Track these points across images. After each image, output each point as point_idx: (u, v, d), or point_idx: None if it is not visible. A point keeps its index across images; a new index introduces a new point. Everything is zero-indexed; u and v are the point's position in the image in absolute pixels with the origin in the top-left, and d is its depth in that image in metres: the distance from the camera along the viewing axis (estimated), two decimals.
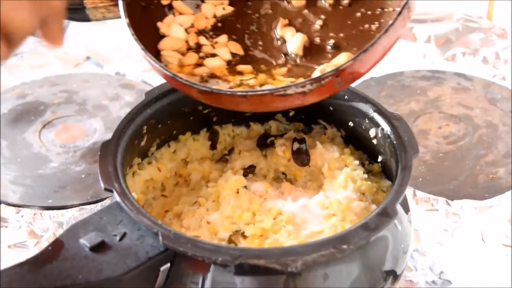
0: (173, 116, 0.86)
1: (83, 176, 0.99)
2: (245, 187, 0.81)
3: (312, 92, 0.72)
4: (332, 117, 0.87)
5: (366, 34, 0.79)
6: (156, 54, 0.82)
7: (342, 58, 0.76)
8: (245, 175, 0.84)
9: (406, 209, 0.80)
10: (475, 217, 0.92)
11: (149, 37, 0.83)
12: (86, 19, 0.91)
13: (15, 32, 0.66)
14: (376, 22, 0.80)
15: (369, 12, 0.81)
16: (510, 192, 0.95)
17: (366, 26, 0.80)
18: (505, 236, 0.89)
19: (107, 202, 0.90)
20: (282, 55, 0.81)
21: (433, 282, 0.84)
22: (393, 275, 0.74)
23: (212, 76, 0.79)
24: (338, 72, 0.71)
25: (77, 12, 0.91)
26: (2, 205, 0.94)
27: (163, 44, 0.82)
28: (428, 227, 0.90)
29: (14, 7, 0.65)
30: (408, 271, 0.84)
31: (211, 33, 0.84)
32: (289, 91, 0.71)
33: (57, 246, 0.67)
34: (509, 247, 0.87)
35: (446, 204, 0.94)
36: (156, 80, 1.17)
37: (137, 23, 0.80)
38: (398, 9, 0.72)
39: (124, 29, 0.78)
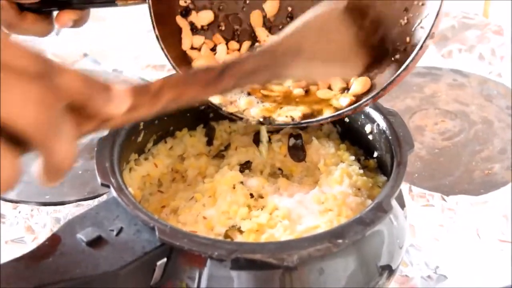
0: (170, 112, 0.86)
1: (80, 172, 0.99)
2: (242, 182, 0.81)
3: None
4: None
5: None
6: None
7: (359, 87, 0.77)
8: (241, 170, 0.84)
9: (402, 204, 0.80)
10: (471, 213, 0.92)
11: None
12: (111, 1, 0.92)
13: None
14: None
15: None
16: (505, 188, 0.96)
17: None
18: (500, 231, 0.89)
19: (104, 198, 0.90)
20: None
21: (429, 277, 0.84)
22: (389, 270, 0.75)
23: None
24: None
25: None
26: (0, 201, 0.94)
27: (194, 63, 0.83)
28: (423, 222, 0.91)
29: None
30: (403, 266, 0.84)
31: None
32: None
33: (54, 241, 0.67)
34: (505, 242, 0.88)
35: (442, 199, 0.94)
36: (153, 76, 1.18)
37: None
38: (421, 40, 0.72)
39: (122, 27, 0.79)
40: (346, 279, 0.70)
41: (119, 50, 1.28)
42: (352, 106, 0.76)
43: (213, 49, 0.86)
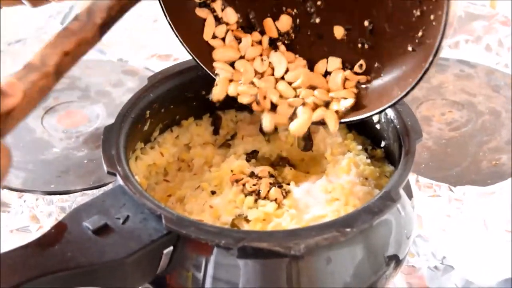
0: (176, 101, 0.86)
1: (85, 161, 0.99)
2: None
3: None
4: None
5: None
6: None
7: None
8: (247, 160, 0.84)
9: (410, 194, 0.79)
10: (478, 203, 0.92)
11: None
12: None
13: None
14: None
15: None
16: None
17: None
18: (507, 222, 0.89)
19: (109, 187, 0.90)
20: None
21: (436, 267, 0.84)
22: (396, 260, 0.74)
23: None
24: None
25: None
26: (5, 190, 0.94)
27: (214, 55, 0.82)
28: (430, 213, 0.90)
29: None
30: (410, 257, 0.84)
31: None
32: None
33: (60, 229, 0.67)
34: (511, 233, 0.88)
35: (449, 190, 0.94)
36: (159, 66, 1.18)
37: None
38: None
39: (127, 17, 0.78)
40: (353, 268, 0.70)
41: (124, 40, 1.28)
42: (376, 111, 0.75)
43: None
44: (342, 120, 0.77)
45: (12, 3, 0.92)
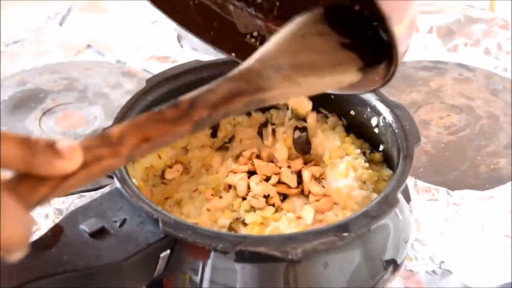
0: None
1: None
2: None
3: None
4: (333, 106, 0.87)
5: None
6: None
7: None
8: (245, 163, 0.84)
9: (408, 198, 0.79)
10: (476, 208, 0.92)
11: None
12: None
13: None
14: None
15: None
16: (511, 183, 0.95)
17: None
18: (505, 226, 0.89)
19: (107, 190, 0.89)
20: None
21: (434, 271, 0.83)
22: (394, 264, 0.74)
23: None
24: None
25: None
26: None
27: None
28: (429, 217, 0.90)
29: None
30: (408, 261, 0.84)
31: None
32: None
33: (56, 231, 0.67)
34: (510, 237, 0.87)
35: (447, 194, 0.93)
36: (157, 68, 1.18)
37: None
38: None
39: (125, 18, 0.78)
40: (351, 273, 0.70)
41: (122, 41, 1.28)
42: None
43: None
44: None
45: None
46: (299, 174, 0.80)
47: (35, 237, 0.67)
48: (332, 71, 0.65)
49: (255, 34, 0.83)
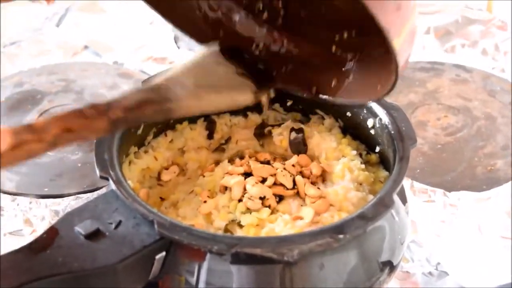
0: None
1: (79, 164, 0.99)
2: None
3: None
4: (330, 107, 0.87)
5: None
6: None
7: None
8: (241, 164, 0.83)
9: (404, 200, 0.79)
10: (473, 209, 0.92)
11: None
12: None
13: None
14: None
15: None
16: (508, 184, 0.95)
17: None
18: (502, 228, 0.89)
19: (103, 191, 0.89)
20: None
21: (430, 273, 0.83)
22: (390, 266, 0.74)
23: None
24: None
25: None
26: None
27: None
28: (425, 218, 0.90)
29: None
30: (405, 262, 0.84)
31: None
32: None
33: (52, 233, 0.67)
34: (507, 239, 0.87)
35: (444, 195, 0.93)
36: (154, 69, 1.18)
37: None
38: None
39: (123, 19, 0.78)
40: (347, 274, 0.70)
41: (120, 42, 1.28)
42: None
43: None
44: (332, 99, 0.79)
45: None
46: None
47: (31, 238, 0.67)
48: (229, 91, 0.77)
49: (260, 44, 0.84)
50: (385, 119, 0.79)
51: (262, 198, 0.76)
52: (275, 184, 0.78)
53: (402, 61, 0.65)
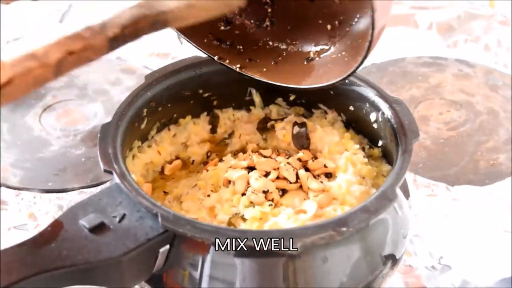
0: (174, 99, 0.86)
1: (83, 159, 0.99)
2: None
3: None
4: (332, 102, 0.87)
5: None
6: None
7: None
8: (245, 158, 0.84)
9: (407, 194, 0.80)
10: (475, 203, 0.92)
11: None
12: None
13: None
14: None
15: None
16: (510, 178, 0.95)
17: None
18: (505, 222, 0.89)
19: (107, 185, 0.90)
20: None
21: (433, 267, 0.84)
22: (392, 259, 0.74)
23: None
24: None
25: None
26: (2, 188, 0.94)
27: None
28: (428, 212, 0.90)
29: None
30: (407, 256, 0.84)
31: None
32: None
33: (56, 227, 0.67)
34: (509, 232, 0.87)
35: (447, 189, 0.93)
36: (157, 64, 1.18)
37: None
38: None
39: None
40: (350, 267, 0.70)
41: None
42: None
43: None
44: (311, 86, 0.80)
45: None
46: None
47: (35, 232, 0.67)
48: None
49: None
50: (388, 113, 0.80)
51: (265, 192, 0.76)
52: (278, 178, 0.79)
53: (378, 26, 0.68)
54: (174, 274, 0.70)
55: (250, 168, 0.80)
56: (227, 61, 0.84)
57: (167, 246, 0.68)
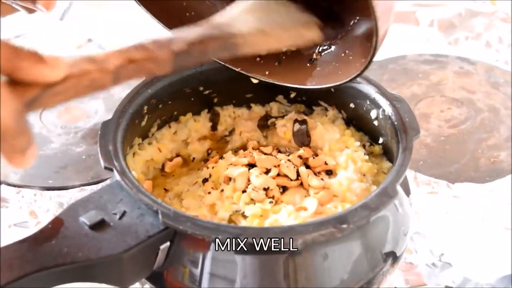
0: (174, 96, 0.86)
1: (83, 157, 0.99)
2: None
3: None
4: (333, 99, 0.87)
5: None
6: None
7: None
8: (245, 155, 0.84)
9: (407, 191, 0.79)
10: (476, 201, 0.92)
11: None
12: None
13: None
14: None
15: None
16: (511, 176, 0.95)
17: None
18: (506, 219, 0.89)
19: (107, 183, 0.89)
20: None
21: (433, 264, 0.83)
22: (393, 256, 0.74)
23: None
24: None
25: None
26: (3, 185, 0.94)
27: None
28: (429, 210, 0.90)
29: None
30: (408, 253, 0.84)
31: None
32: None
33: (57, 224, 0.67)
34: (510, 230, 0.87)
35: (447, 187, 0.93)
36: None
37: None
38: None
39: (126, 12, 0.78)
40: (350, 265, 0.70)
41: (124, 35, 1.28)
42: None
43: None
44: (317, 86, 0.80)
45: (8, 12, 0.92)
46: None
47: (36, 230, 0.67)
48: (295, 27, 0.73)
49: None
50: (389, 110, 0.80)
51: (266, 189, 0.76)
52: (278, 175, 0.79)
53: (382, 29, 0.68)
54: (174, 271, 0.70)
55: (251, 165, 0.80)
56: (230, 63, 0.84)
57: (168, 243, 0.68)
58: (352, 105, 0.85)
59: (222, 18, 0.70)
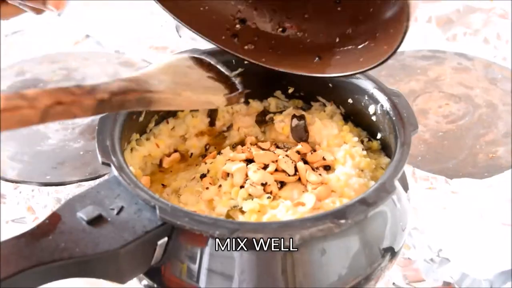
0: None
1: (81, 152, 0.99)
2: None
3: None
4: (331, 94, 0.87)
5: None
6: None
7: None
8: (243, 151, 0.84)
9: (405, 187, 0.79)
10: (475, 196, 0.92)
11: None
12: None
13: None
14: None
15: None
16: (509, 171, 0.95)
17: None
18: (504, 215, 0.89)
19: (105, 178, 0.89)
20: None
21: (432, 260, 0.83)
22: (391, 252, 0.74)
23: None
24: None
25: None
26: (1, 181, 0.94)
27: None
28: (427, 205, 0.90)
29: None
30: (406, 249, 0.84)
31: None
32: None
33: (54, 219, 0.67)
34: (508, 225, 0.87)
35: (446, 182, 0.93)
36: (156, 58, 1.18)
37: None
38: None
39: (124, 8, 0.78)
40: (348, 260, 0.70)
41: (121, 31, 1.28)
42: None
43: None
44: (340, 74, 0.80)
45: (16, 13, 0.93)
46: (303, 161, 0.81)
47: (33, 225, 0.67)
48: (204, 92, 0.79)
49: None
50: (387, 105, 0.79)
51: (263, 184, 0.76)
52: (276, 170, 0.78)
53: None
54: (172, 266, 0.69)
55: (249, 161, 0.80)
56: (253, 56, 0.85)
57: (165, 239, 0.68)
58: (350, 101, 0.85)
59: (142, 76, 0.76)
